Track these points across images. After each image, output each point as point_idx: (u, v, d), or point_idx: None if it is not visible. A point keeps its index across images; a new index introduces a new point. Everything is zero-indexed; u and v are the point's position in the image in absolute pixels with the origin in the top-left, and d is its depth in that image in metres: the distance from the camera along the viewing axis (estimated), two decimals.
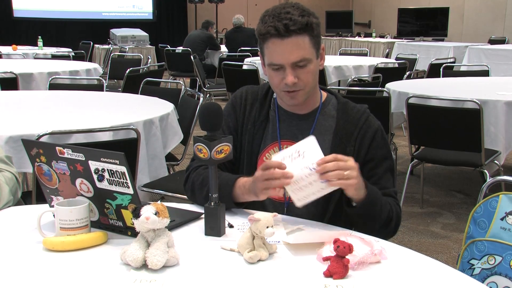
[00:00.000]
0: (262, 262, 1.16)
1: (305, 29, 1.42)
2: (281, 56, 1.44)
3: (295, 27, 1.41)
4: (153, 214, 1.11)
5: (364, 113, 1.56)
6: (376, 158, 1.52)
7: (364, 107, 1.58)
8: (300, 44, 1.43)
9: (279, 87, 1.49)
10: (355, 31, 13.19)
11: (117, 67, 6.34)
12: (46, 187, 1.34)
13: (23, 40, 9.74)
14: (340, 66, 5.80)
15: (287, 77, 1.45)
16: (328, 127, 1.56)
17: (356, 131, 1.52)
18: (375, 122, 1.55)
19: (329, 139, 1.54)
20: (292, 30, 1.41)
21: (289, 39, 1.42)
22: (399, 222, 1.50)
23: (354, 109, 1.56)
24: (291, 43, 1.42)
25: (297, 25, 1.41)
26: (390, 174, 1.55)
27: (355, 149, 1.51)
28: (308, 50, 1.45)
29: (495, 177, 1.57)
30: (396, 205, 1.51)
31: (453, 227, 3.40)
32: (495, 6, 10.70)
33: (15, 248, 1.22)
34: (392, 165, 1.56)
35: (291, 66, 1.44)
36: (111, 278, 1.08)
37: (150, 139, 2.59)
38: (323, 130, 1.56)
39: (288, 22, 1.40)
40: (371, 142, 1.52)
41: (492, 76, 5.51)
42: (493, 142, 3.29)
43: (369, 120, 1.54)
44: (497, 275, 1.28)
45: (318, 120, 1.57)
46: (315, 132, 1.55)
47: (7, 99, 3.32)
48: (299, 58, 1.43)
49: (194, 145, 1.28)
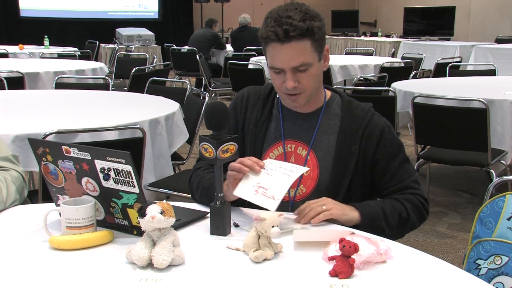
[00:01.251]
0: (268, 262, 1.16)
1: (306, 34, 1.41)
2: (281, 60, 1.44)
3: (295, 33, 1.39)
4: (159, 213, 1.11)
5: (369, 112, 1.55)
6: (387, 156, 1.51)
7: (368, 106, 1.58)
8: (300, 49, 1.42)
9: (280, 89, 1.50)
10: (361, 31, 13.16)
11: (123, 67, 6.36)
12: (52, 186, 1.35)
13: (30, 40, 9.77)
14: (345, 66, 5.80)
15: (287, 82, 1.45)
16: (332, 126, 1.55)
17: (361, 130, 1.52)
18: (380, 120, 1.55)
19: (334, 138, 1.54)
20: (292, 36, 1.39)
21: (289, 44, 1.41)
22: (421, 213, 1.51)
23: (358, 108, 1.56)
24: (291, 48, 1.41)
25: (297, 31, 1.39)
26: (406, 165, 1.54)
27: (361, 147, 1.51)
28: (309, 54, 1.43)
29: (502, 177, 1.57)
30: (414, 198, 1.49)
31: (459, 227, 3.39)
32: (502, 5, 10.64)
33: (22, 247, 1.22)
34: (405, 155, 1.55)
35: (291, 71, 1.44)
36: (117, 277, 1.08)
37: (156, 138, 2.60)
38: (327, 129, 1.55)
39: (288, 27, 1.39)
40: (378, 141, 1.51)
41: (498, 75, 5.48)
42: (499, 141, 3.28)
43: (374, 118, 1.54)
44: (504, 275, 1.28)
45: (322, 119, 1.56)
46: (319, 131, 1.55)
47: (13, 98, 3.34)
48: (299, 63, 1.43)
49: (200, 144, 1.28)
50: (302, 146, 1.55)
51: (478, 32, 10.96)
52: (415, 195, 1.51)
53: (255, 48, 7.60)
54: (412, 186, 1.52)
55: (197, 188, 1.54)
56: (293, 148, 1.56)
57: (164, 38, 11.36)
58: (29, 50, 7.63)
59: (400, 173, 1.51)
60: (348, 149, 1.49)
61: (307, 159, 1.53)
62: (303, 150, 1.55)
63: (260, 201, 1.29)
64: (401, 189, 1.50)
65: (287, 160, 1.54)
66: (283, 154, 1.56)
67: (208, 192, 1.47)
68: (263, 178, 1.34)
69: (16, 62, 5.64)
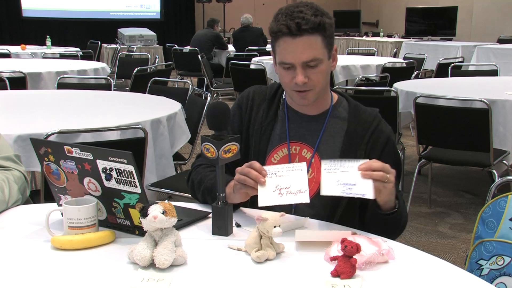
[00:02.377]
0: (270, 262, 1.16)
1: (318, 29, 1.41)
2: (292, 55, 1.43)
3: (307, 26, 1.39)
4: (161, 213, 1.11)
5: (376, 117, 1.55)
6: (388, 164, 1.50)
7: (375, 111, 1.57)
8: (311, 44, 1.42)
9: (289, 86, 1.48)
10: (363, 31, 13.17)
11: (125, 67, 6.37)
12: (54, 186, 1.35)
13: (32, 40, 9.79)
14: (347, 66, 5.79)
15: (297, 77, 1.44)
16: (338, 130, 1.55)
17: (367, 135, 1.51)
18: (387, 128, 1.54)
19: (340, 141, 1.53)
20: (304, 29, 1.40)
21: (300, 38, 1.41)
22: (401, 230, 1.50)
23: (365, 113, 1.55)
24: (303, 42, 1.41)
25: (309, 24, 1.39)
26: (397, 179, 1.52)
27: (366, 153, 1.50)
28: (320, 50, 1.43)
29: (504, 177, 1.57)
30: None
31: (461, 227, 3.38)
32: (504, 5, 10.63)
33: (24, 247, 1.23)
34: (400, 171, 1.55)
35: (301, 66, 1.43)
36: (119, 277, 1.09)
37: (158, 139, 2.60)
38: (333, 132, 1.55)
39: (301, 21, 1.39)
40: (383, 149, 1.51)
41: (501, 75, 5.49)
42: (501, 142, 3.28)
43: (381, 125, 1.53)
44: (506, 275, 1.27)
45: (328, 122, 1.55)
46: (325, 134, 1.54)
47: (15, 98, 3.34)
48: (310, 58, 1.42)
49: (202, 144, 1.28)
50: (307, 149, 1.55)
51: (480, 32, 10.95)
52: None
53: (257, 48, 7.60)
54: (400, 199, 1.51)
55: (198, 186, 1.53)
56: (298, 150, 1.55)
57: (166, 38, 11.37)
58: (31, 50, 7.64)
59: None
60: (353, 153, 1.49)
61: (311, 162, 1.53)
62: (307, 152, 1.54)
63: (290, 199, 1.28)
64: None
65: (291, 162, 1.54)
66: (288, 155, 1.55)
67: (211, 192, 1.46)
68: (279, 181, 1.32)
69: (18, 62, 5.65)
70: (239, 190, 1.36)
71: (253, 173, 1.32)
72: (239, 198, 1.38)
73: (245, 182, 1.33)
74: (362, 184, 1.27)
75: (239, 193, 1.36)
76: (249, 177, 1.32)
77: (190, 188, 1.59)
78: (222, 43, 8.68)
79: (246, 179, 1.32)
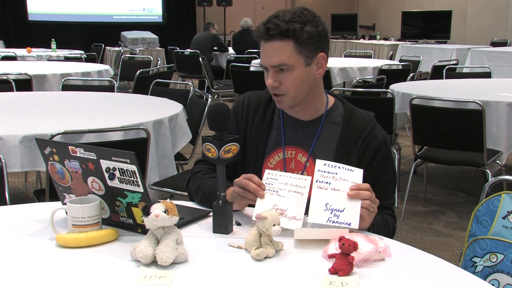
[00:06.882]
0: (269, 259, 1.18)
1: (286, 35, 1.41)
2: (264, 58, 1.46)
3: (274, 32, 1.41)
4: (163, 212, 1.13)
5: (370, 122, 1.54)
6: (378, 170, 1.50)
7: (370, 116, 1.56)
8: (280, 49, 1.42)
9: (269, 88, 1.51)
10: (360, 34, 13.20)
11: (128, 69, 6.39)
12: (59, 185, 1.37)
13: (37, 43, 9.82)
14: (345, 68, 5.85)
15: (267, 79, 1.47)
16: (333, 134, 1.54)
17: (360, 140, 1.51)
18: (380, 133, 1.53)
19: (334, 146, 1.53)
20: (271, 35, 1.42)
21: (271, 43, 1.43)
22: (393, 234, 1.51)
23: (360, 117, 1.54)
24: (272, 47, 1.43)
25: (276, 30, 1.41)
26: (391, 185, 1.54)
27: (358, 157, 1.50)
28: (290, 56, 1.43)
29: (497, 176, 1.59)
30: (392, 219, 1.51)
31: (455, 225, 3.40)
32: (498, 9, 10.64)
33: (29, 244, 1.25)
34: (394, 176, 1.55)
35: (272, 69, 1.45)
36: (122, 274, 1.10)
37: (160, 139, 2.62)
38: (327, 137, 1.55)
39: (271, 26, 1.42)
40: (374, 155, 1.50)
41: (494, 78, 5.51)
42: (495, 142, 3.31)
43: (374, 130, 1.53)
44: (499, 272, 1.29)
45: (323, 127, 1.55)
46: (319, 139, 1.54)
47: (21, 99, 3.37)
48: (277, 63, 1.43)
49: (203, 144, 1.30)
50: (302, 153, 1.55)
51: (474, 36, 10.97)
52: (393, 218, 1.52)
53: (256, 51, 7.62)
54: (391, 208, 1.53)
55: (196, 192, 1.53)
56: (293, 155, 1.56)
57: (167, 41, 11.39)
58: (36, 53, 7.69)
59: (385, 192, 1.49)
60: (347, 158, 1.48)
61: (306, 166, 1.54)
62: (303, 156, 1.55)
63: (283, 223, 1.27)
64: (381, 207, 1.43)
65: (286, 166, 1.55)
66: (283, 160, 1.56)
67: (208, 199, 1.46)
68: (277, 200, 1.33)
69: (24, 65, 5.67)
70: (238, 202, 1.38)
71: (251, 185, 1.34)
72: (237, 207, 1.40)
73: (245, 195, 1.35)
74: (350, 211, 1.28)
75: (238, 203, 1.39)
76: (247, 190, 1.34)
77: (188, 194, 1.60)
78: (221, 43, 8.78)
79: (246, 192, 1.34)
